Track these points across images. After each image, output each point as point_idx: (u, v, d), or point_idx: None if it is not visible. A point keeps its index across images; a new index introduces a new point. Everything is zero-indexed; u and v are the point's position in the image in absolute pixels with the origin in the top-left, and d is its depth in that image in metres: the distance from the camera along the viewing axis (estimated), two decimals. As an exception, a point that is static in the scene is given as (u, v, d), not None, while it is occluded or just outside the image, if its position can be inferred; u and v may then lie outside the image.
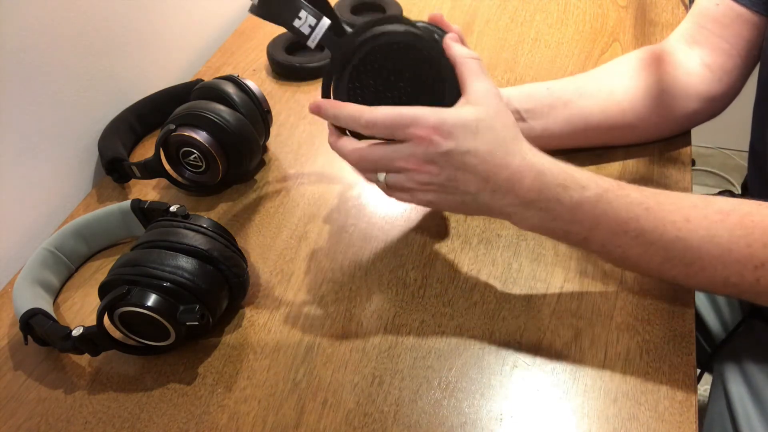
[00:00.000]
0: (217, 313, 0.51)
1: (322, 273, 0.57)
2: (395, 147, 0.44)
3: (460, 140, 0.42)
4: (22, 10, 0.59)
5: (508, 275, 0.55)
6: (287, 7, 0.44)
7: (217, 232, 0.52)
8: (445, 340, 0.51)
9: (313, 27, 0.45)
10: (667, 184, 0.61)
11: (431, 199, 0.46)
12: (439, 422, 0.46)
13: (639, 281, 0.53)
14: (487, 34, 0.86)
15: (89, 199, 0.68)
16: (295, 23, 0.44)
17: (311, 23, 0.45)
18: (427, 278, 0.56)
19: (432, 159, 0.43)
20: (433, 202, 0.46)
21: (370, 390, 0.48)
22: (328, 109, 0.46)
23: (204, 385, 0.50)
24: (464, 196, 0.45)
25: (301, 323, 0.53)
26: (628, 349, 0.49)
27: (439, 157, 0.43)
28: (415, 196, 0.46)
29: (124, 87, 0.74)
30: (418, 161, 0.43)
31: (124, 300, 0.46)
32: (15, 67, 0.59)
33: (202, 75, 0.83)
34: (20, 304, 0.51)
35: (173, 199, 0.67)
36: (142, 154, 0.73)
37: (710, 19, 0.61)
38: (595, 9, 0.89)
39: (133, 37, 0.75)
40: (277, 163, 0.70)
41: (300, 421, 0.47)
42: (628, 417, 0.45)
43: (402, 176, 0.45)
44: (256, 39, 0.89)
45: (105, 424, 0.48)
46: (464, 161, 0.43)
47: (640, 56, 0.63)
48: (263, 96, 0.67)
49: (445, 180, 0.44)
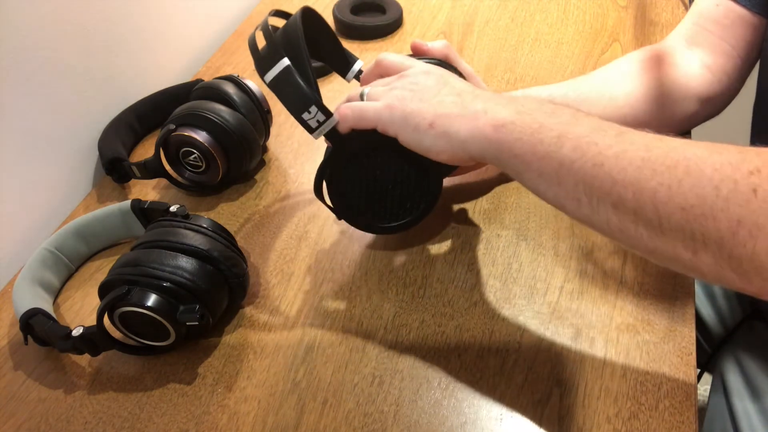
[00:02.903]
0: (217, 313, 0.51)
1: (322, 273, 0.57)
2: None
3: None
4: (21, 10, 0.59)
5: (508, 275, 0.55)
6: (300, 99, 0.46)
7: (217, 232, 0.52)
8: (445, 340, 0.51)
9: (321, 123, 0.47)
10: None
11: (397, 94, 0.47)
12: (439, 422, 0.46)
13: (639, 281, 0.53)
14: (487, 34, 0.86)
15: (89, 199, 0.68)
16: (303, 115, 0.47)
17: (320, 119, 0.47)
18: (427, 278, 0.56)
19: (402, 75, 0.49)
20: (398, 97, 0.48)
21: (370, 390, 0.48)
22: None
23: (204, 385, 0.50)
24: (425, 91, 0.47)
25: (301, 323, 0.53)
26: (628, 349, 0.49)
27: (409, 72, 0.49)
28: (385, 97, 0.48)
29: (124, 87, 0.74)
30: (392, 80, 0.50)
31: (124, 300, 0.46)
32: (15, 67, 0.59)
33: (202, 75, 0.83)
34: (20, 304, 0.51)
35: (173, 199, 0.67)
36: (142, 154, 0.73)
37: (710, 20, 0.61)
38: (595, 9, 0.89)
39: (133, 37, 0.75)
40: (277, 163, 0.70)
41: (300, 421, 0.47)
42: (628, 417, 0.45)
43: (379, 89, 0.49)
44: (256, 39, 0.89)
45: (105, 424, 0.48)
46: (429, 69, 0.49)
47: (640, 58, 0.63)
48: (263, 96, 0.67)
49: (409, 82, 0.48)
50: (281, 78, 0.46)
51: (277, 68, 0.46)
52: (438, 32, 0.87)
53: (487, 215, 0.61)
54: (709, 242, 0.34)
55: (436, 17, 0.90)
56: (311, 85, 0.46)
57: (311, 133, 0.47)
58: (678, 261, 0.36)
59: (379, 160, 0.50)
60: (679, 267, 0.37)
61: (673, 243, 0.35)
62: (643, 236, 0.37)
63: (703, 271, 0.35)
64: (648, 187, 0.36)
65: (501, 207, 0.61)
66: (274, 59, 0.47)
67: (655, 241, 0.36)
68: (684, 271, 0.37)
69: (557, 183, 0.40)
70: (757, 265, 0.32)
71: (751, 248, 0.32)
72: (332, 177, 0.51)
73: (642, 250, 0.38)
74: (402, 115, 0.45)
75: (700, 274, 0.36)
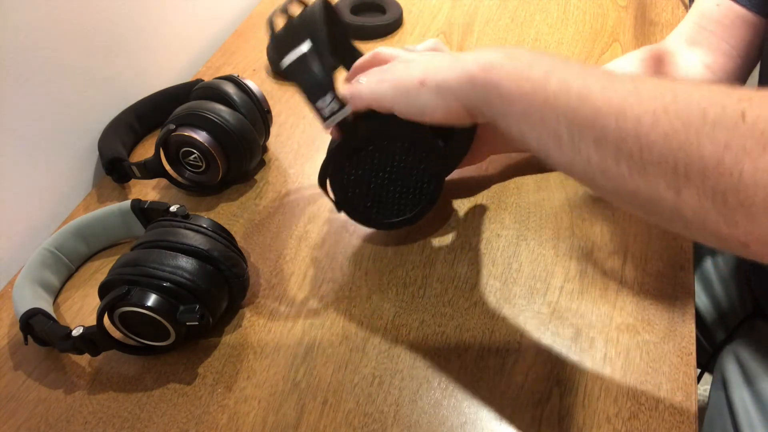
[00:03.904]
0: (217, 313, 0.51)
1: (322, 273, 0.57)
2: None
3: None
4: (21, 10, 0.59)
5: (508, 275, 0.55)
6: (317, 86, 0.46)
7: (217, 232, 0.52)
8: (445, 340, 0.51)
9: (335, 112, 0.46)
10: (667, 184, 0.61)
11: (387, 70, 0.48)
12: (439, 422, 0.46)
13: (639, 281, 0.53)
14: (487, 34, 0.86)
15: (89, 199, 0.68)
16: (318, 103, 0.46)
17: (334, 108, 0.46)
18: (427, 278, 0.56)
19: (395, 61, 0.50)
20: (389, 71, 0.48)
21: (370, 390, 0.48)
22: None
23: (204, 385, 0.50)
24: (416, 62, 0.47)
25: (301, 323, 0.53)
26: (628, 349, 0.49)
27: (402, 57, 0.50)
28: (379, 78, 0.48)
29: (124, 87, 0.74)
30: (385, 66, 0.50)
31: (124, 300, 0.46)
32: (15, 67, 0.59)
33: (202, 75, 0.83)
34: (20, 304, 0.51)
35: (173, 199, 0.67)
36: (142, 154, 0.73)
37: (711, 20, 0.61)
38: (595, 9, 0.89)
39: (133, 37, 0.75)
40: (277, 163, 0.70)
41: (300, 421, 0.47)
42: (628, 417, 0.45)
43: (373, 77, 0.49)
44: (256, 39, 0.89)
45: (105, 424, 0.48)
46: (422, 54, 0.50)
47: (641, 57, 0.63)
48: (263, 96, 0.67)
49: (400, 61, 0.49)
50: (300, 63, 0.46)
51: (296, 52, 0.46)
52: (438, 32, 0.87)
53: (487, 215, 0.61)
54: (693, 174, 0.32)
55: (436, 17, 0.90)
56: (329, 73, 0.46)
57: (323, 122, 0.47)
58: (661, 204, 0.34)
59: (385, 154, 0.50)
60: (663, 214, 0.35)
61: (655, 181, 0.34)
62: (624, 175, 0.35)
63: (686, 215, 0.33)
64: (632, 114, 0.34)
65: (501, 207, 0.61)
66: (294, 43, 0.46)
67: (637, 180, 0.34)
68: (668, 222, 0.35)
69: (540, 121, 0.39)
70: (743, 198, 0.30)
71: (737, 176, 0.30)
72: (337, 168, 0.51)
73: (624, 194, 0.36)
74: (393, 82, 0.45)
75: (684, 221, 0.34)
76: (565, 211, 0.60)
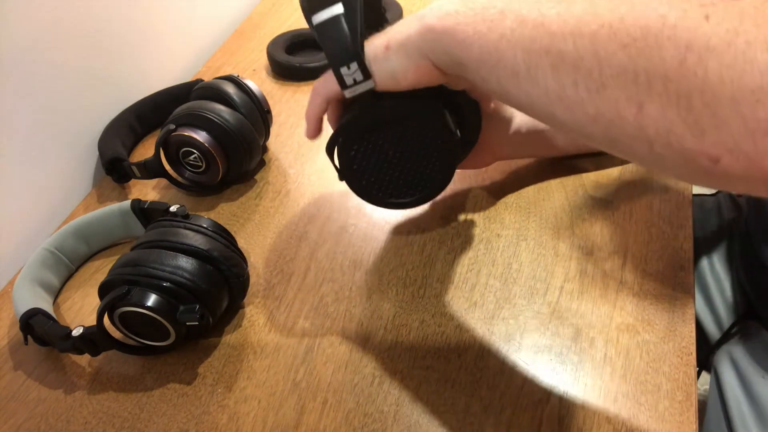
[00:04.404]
0: (217, 313, 0.51)
1: (322, 273, 0.57)
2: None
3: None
4: (21, 11, 0.59)
5: (508, 275, 0.55)
6: (344, 51, 0.44)
7: (217, 232, 0.52)
8: (445, 340, 0.51)
9: (357, 82, 0.44)
10: (667, 185, 0.61)
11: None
12: (439, 422, 0.46)
13: (639, 281, 0.53)
14: (487, 34, 0.86)
15: (89, 199, 0.69)
16: (342, 69, 0.44)
17: (357, 78, 0.44)
18: (427, 278, 0.56)
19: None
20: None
21: (370, 390, 0.48)
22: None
23: (204, 385, 0.50)
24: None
25: (301, 323, 0.53)
26: (628, 349, 0.49)
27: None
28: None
29: (124, 87, 0.74)
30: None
31: (124, 300, 0.46)
32: (15, 67, 0.59)
33: (202, 75, 0.83)
34: (20, 304, 0.51)
35: (173, 199, 0.67)
36: (142, 154, 0.73)
37: None
38: (595, 9, 0.89)
39: (133, 37, 0.75)
40: (277, 163, 0.70)
41: (300, 421, 0.47)
42: (628, 417, 0.45)
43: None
44: (256, 39, 0.89)
45: (105, 424, 0.48)
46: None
47: None
48: (263, 96, 0.67)
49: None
50: (332, 24, 0.44)
51: (328, 12, 0.44)
52: (438, 32, 0.87)
53: (487, 215, 0.61)
54: (655, 81, 0.30)
55: (436, 17, 0.90)
56: (358, 41, 0.44)
57: (343, 89, 0.45)
58: (622, 125, 0.33)
59: (399, 134, 0.49)
60: (625, 138, 0.33)
61: (615, 97, 0.32)
62: (583, 99, 0.34)
63: (649, 134, 0.31)
64: (588, 31, 0.33)
65: (501, 207, 0.61)
66: (327, 1, 0.44)
67: (596, 101, 0.33)
68: (631, 146, 0.33)
69: (498, 61, 0.37)
70: (709, 98, 0.28)
71: (701, 75, 0.28)
72: (347, 141, 0.49)
73: (585, 122, 0.35)
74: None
75: (648, 141, 0.32)
76: (565, 211, 0.60)
